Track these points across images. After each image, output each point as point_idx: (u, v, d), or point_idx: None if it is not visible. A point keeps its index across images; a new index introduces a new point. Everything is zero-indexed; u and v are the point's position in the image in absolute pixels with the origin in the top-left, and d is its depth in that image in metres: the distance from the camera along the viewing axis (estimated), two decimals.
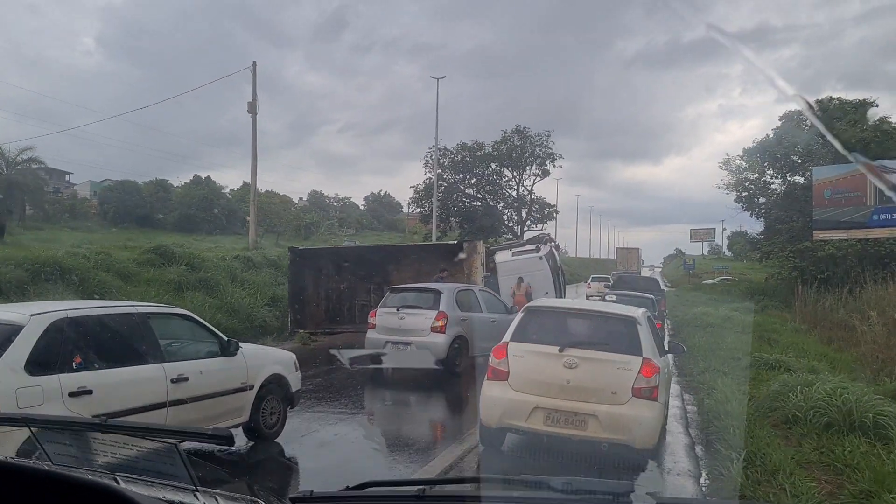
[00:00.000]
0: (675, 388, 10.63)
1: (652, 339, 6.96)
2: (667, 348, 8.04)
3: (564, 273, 21.47)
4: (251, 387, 7.01)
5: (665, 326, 20.83)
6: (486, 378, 6.92)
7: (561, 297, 18.25)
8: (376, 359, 12.22)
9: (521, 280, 17.48)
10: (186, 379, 6.16)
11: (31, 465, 1.72)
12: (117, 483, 1.70)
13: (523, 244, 19.91)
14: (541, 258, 18.08)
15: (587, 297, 36.78)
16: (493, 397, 6.73)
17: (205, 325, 6.95)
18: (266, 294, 18.68)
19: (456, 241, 20.70)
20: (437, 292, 12.53)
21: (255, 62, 29.41)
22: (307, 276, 17.99)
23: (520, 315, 7.32)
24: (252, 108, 29.39)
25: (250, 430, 7.16)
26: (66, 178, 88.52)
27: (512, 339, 6.92)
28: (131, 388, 5.78)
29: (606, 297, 20.26)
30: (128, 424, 2.24)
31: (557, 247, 21.44)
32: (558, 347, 6.55)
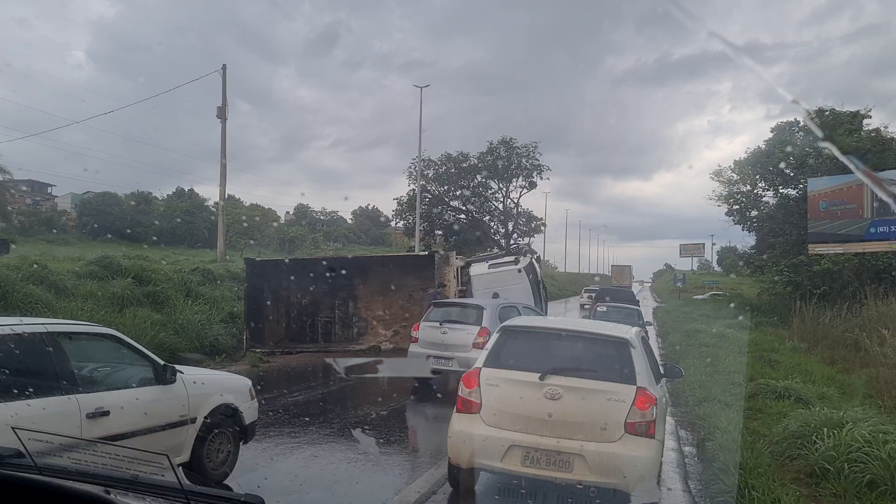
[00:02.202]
0: (668, 421, 9.20)
1: (647, 363, 6.02)
2: (662, 371, 6.96)
3: (546, 287, 19.97)
4: (193, 420, 6.00)
5: (651, 332, 20.65)
6: (454, 410, 5.97)
7: (543, 315, 16.74)
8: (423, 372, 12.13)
9: (496, 296, 15.99)
10: (107, 413, 5.15)
11: (21, 474, 1.79)
12: (108, 493, 1.77)
13: (501, 255, 18.33)
14: (520, 270, 16.52)
15: (581, 307, 35.95)
16: (462, 433, 5.77)
17: (135, 348, 5.88)
18: (223, 310, 17.14)
19: (427, 252, 19.19)
20: (481, 308, 12.53)
21: (224, 65, 28.14)
22: (266, 290, 16.50)
23: (495, 336, 6.33)
24: (222, 113, 28.06)
25: (192, 470, 5.99)
26: (49, 190, 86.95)
27: (485, 365, 5.97)
28: (31, 425, 4.43)
29: (598, 308, 20.52)
30: (155, 482, 2.03)
31: (539, 258, 19.97)
32: (539, 375, 5.63)
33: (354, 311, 17.17)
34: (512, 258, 17.24)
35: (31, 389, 4.84)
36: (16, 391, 4.75)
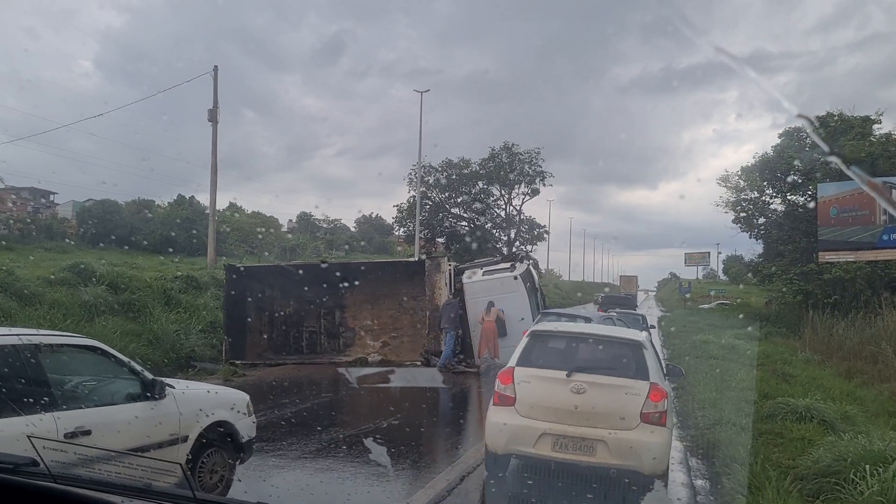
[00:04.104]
0: (677, 447, 8.24)
1: (657, 363, 6.86)
2: (664, 371, 7.53)
3: (545, 296, 18.95)
4: (184, 438, 5.64)
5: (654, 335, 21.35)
6: (491, 403, 6.74)
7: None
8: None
9: (491, 304, 14.99)
10: (88, 433, 4.77)
11: (36, 482, 1.83)
12: (122, 502, 1.81)
13: (496, 262, 17.25)
14: (516, 277, 15.45)
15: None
16: (499, 423, 6.55)
17: (122, 361, 5.52)
18: (204, 319, 16.25)
19: (416, 258, 18.25)
20: (587, 319, 14.32)
21: (216, 66, 27.34)
22: (247, 298, 15.57)
23: (525, 339, 7.15)
24: (213, 116, 27.27)
25: None
26: (51, 198, 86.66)
27: (518, 364, 6.77)
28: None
29: (609, 312, 21.62)
30: (170, 491, 2.09)
31: (536, 265, 18.96)
32: (565, 372, 6.43)
33: (341, 321, 16.21)
34: (507, 265, 16.20)
35: (4, 405, 4.41)
36: None
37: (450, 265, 16.13)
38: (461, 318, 15.29)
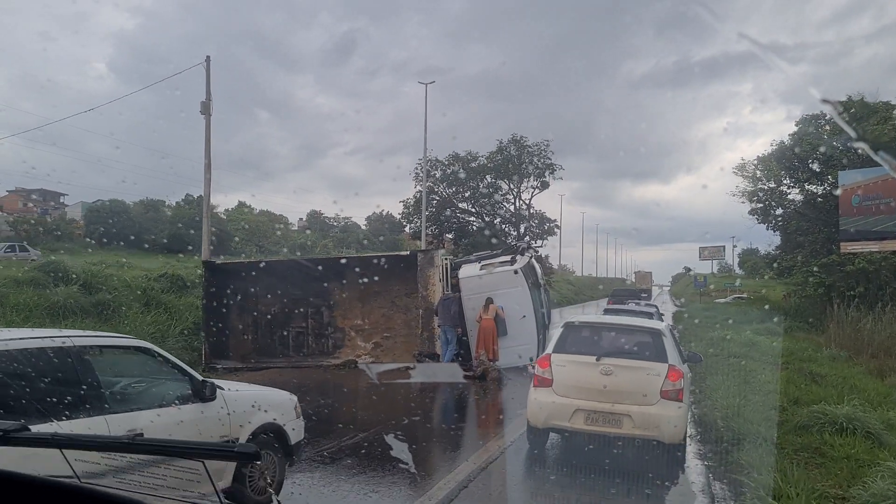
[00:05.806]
0: (698, 468, 7.16)
1: (675, 348, 7.69)
2: (684, 357, 8.08)
3: (549, 291, 17.72)
4: (234, 441, 5.45)
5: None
6: (532, 385, 7.69)
7: (545, 323, 14.49)
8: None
9: (489, 301, 13.77)
10: (140, 435, 4.46)
11: (60, 482, 1.77)
12: (146, 500, 1.75)
13: (495, 255, 15.95)
14: (516, 272, 14.20)
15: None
16: (539, 401, 7.49)
17: (172, 362, 5.38)
18: (186, 320, 15.30)
19: (409, 252, 17.11)
20: (650, 315, 14.80)
21: (208, 56, 26.39)
22: (230, 297, 14.52)
23: (560, 329, 8.12)
24: (206, 109, 26.31)
25: (233, 499, 5.18)
26: (61, 199, 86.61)
27: (554, 351, 7.71)
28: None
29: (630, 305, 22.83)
30: (153, 442, 2.34)
31: (540, 258, 17.75)
32: (595, 357, 7.32)
33: (330, 321, 15.09)
34: (507, 258, 14.93)
35: (57, 408, 4.30)
36: (38, 413, 4.15)
37: (445, 259, 14.98)
38: (460, 315, 14.15)
